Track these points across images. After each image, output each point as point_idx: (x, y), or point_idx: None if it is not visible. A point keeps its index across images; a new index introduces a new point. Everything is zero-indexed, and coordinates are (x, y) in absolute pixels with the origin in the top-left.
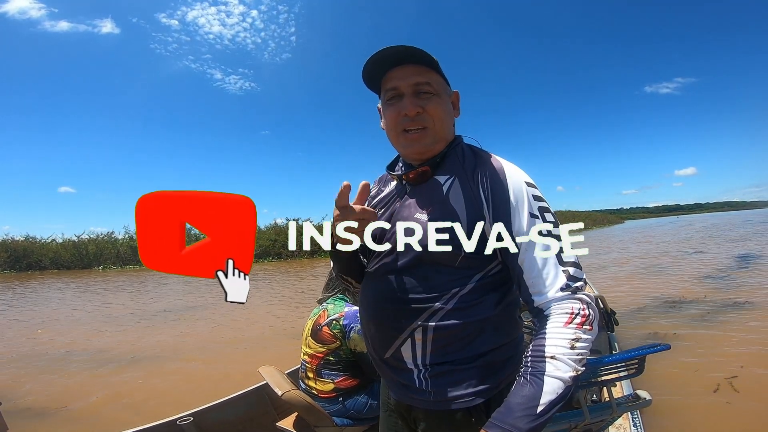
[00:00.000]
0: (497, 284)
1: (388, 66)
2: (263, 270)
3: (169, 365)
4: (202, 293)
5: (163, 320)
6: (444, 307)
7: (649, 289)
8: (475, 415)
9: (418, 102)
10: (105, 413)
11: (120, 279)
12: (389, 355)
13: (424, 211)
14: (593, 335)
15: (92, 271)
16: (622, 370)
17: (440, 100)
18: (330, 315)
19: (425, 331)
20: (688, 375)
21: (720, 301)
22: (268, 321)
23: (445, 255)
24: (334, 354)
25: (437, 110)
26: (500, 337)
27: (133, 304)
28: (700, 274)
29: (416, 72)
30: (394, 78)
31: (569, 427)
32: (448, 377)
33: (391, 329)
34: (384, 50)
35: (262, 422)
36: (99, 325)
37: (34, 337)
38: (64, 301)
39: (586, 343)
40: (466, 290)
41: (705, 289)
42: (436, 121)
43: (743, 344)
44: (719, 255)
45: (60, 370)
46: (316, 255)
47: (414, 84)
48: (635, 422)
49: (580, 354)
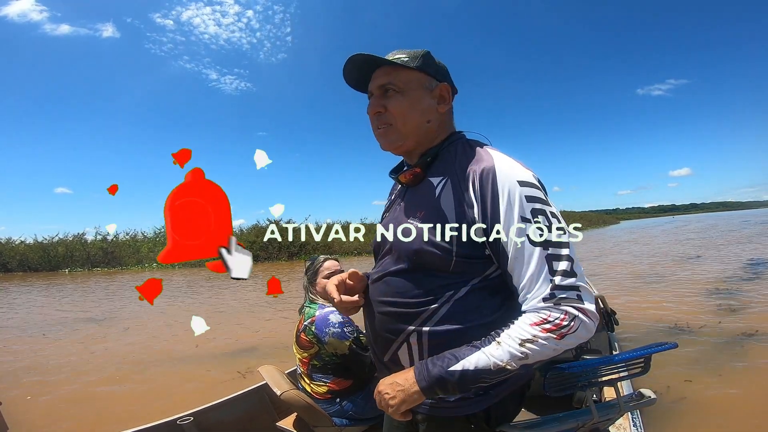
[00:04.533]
0: (496, 289)
1: (368, 70)
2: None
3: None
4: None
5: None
6: (438, 312)
7: (645, 307)
8: (474, 422)
9: (381, 102)
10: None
11: (78, 282)
12: (387, 358)
13: (417, 214)
14: (559, 346)
15: (58, 273)
16: (630, 368)
17: (403, 98)
18: (306, 320)
19: (420, 336)
20: None
21: (734, 328)
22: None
23: (437, 259)
24: (317, 358)
25: (398, 107)
26: None
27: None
28: (706, 287)
29: (384, 72)
30: (371, 82)
31: (577, 427)
32: None
33: (388, 332)
34: (349, 59)
35: (262, 422)
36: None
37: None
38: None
39: (539, 348)
40: (461, 294)
41: (714, 309)
42: (397, 118)
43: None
44: (725, 260)
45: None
46: (294, 258)
47: (379, 86)
48: (635, 422)
49: (525, 354)
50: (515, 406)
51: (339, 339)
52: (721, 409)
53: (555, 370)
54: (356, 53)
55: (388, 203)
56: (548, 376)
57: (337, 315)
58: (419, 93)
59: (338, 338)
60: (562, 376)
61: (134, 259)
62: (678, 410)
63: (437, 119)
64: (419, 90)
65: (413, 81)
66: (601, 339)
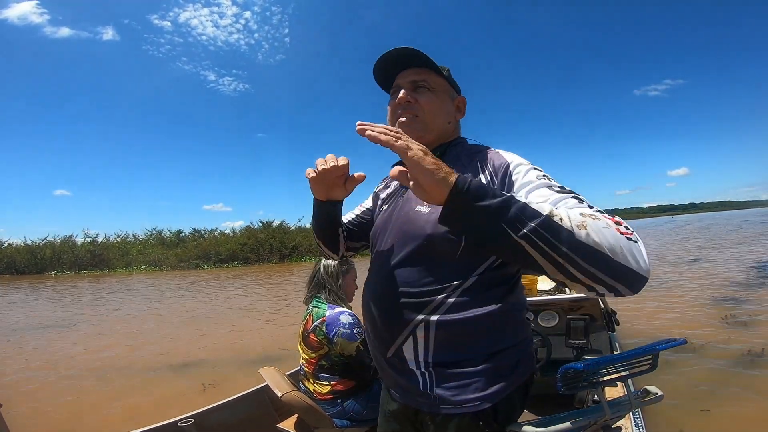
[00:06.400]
0: (501, 279)
1: (399, 69)
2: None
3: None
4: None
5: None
6: (447, 301)
7: (640, 315)
8: (482, 419)
9: (413, 94)
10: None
11: (59, 285)
12: (391, 354)
13: (425, 203)
14: (614, 230)
15: (44, 275)
16: (640, 365)
17: (434, 96)
18: (315, 320)
19: (427, 327)
20: None
21: (742, 345)
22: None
23: (445, 245)
24: (326, 359)
25: (429, 102)
26: (507, 338)
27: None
28: (709, 295)
29: (416, 72)
30: (398, 78)
31: (589, 424)
32: (454, 380)
33: (393, 325)
34: (389, 52)
35: (263, 424)
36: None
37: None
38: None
39: (598, 226)
40: (468, 283)
41: (719, 322)
42: (426, 112)
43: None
44: (728, 262)
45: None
46: (286, 259)
47: (411, 81)
48: (637, 422)
49: (583, 224)
50: (521, 404)
51: (348, 340)
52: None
53: (568, 369)
54: (403, 47)
55: (385, 196)
56: (561, 375)
57: (347, 316)
58: (446, 97)
59: (347, 339)
60: (576, 374)
61: (123, 262)
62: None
63: (453, 124)
64: (446, 94)
65: (443, 85)
66: (601, 339)
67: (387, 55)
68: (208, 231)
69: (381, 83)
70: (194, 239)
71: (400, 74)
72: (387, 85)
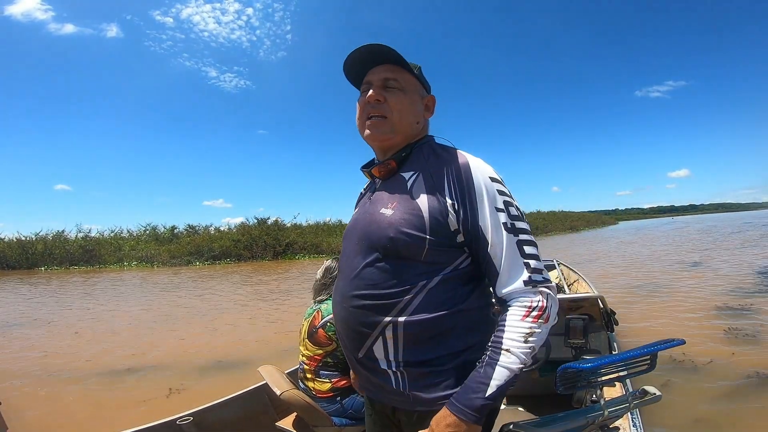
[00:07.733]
0: (467, 279)
1: (369, 66)
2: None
3: None
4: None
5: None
6: (413, 301)
7: (646, 317)
8: None
9: (382, 93)
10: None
11: (44, 281)
12: (362, 355)
13: (389, 206)
14: (548, 327)
15: (34, 271)
16: (638, 365)
17: (404, 95)
18: (324, 316)
19: (396, 328)
20: None
21: (749, 362)
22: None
23: (410, 248)
24: (331, 356)
25: (398, 102)
26: (474, 335)
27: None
28: (712, 303)
29: (388, 69)
30: (369, 74)
31: (587, 423)
32: (426, 379)
33: (362, 327)
34: (359, 49)
35: (262, 422)
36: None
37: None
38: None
39: (539, 337)
40: (433, 283)
41: (722, 335)
42: (395, 112)
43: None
44: (731, 267)
45: None
46: (280, 257)
47: (383, 78)
48: (635, 422)
49: (532, 347)
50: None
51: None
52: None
53: (568, 368)
54: (372, 43)
55: (358, 198)
56: (560, 374)
57: None
58: (416, 96)
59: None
60: (574, 374)
61: (115, 257)
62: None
63: (422, 123)
64: (416, 94)
65: (413, 84)
66: (601, 339)
67: (357, 51)
68: (203, 227)
69: (352, 80)
70: (188, 235)
71: (371, 71)
72: (357, 82)
